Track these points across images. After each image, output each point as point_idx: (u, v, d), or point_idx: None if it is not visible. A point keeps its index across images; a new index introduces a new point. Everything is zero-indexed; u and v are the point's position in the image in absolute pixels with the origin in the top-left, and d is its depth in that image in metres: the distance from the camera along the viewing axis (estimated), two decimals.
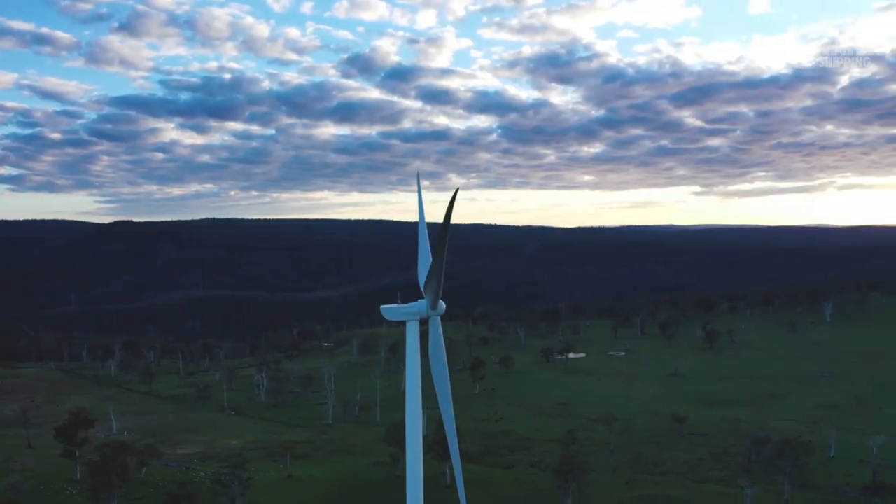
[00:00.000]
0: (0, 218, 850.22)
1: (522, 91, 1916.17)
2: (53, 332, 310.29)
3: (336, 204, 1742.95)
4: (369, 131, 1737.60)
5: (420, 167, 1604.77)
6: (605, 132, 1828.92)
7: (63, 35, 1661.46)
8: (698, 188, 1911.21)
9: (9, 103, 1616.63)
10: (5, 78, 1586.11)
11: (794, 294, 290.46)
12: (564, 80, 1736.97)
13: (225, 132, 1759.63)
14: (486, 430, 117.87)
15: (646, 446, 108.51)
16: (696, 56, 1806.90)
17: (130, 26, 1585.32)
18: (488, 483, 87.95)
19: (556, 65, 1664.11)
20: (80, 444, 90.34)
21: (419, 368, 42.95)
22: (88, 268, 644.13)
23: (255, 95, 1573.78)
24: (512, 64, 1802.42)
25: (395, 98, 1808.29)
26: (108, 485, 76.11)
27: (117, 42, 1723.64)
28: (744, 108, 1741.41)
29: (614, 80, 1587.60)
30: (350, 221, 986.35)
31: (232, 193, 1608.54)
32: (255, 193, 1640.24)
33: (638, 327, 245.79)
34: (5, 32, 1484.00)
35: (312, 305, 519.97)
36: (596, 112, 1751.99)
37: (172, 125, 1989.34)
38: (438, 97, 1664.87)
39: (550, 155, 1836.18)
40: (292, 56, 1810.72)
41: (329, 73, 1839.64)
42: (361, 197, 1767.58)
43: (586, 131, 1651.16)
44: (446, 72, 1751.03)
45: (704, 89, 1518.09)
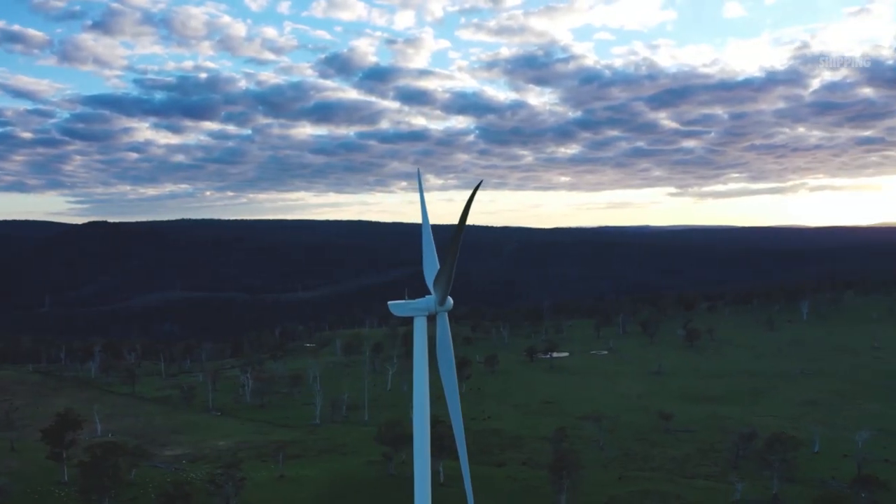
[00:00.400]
0: None
1: (500, 92, 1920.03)
2: (26, 335, 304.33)
3: (313, 205, 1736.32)
4: (347, 132, 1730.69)
5: (397, 168, 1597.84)
6: (582, 133, 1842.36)
7: (35, 33, 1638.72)
8: (673, 189, 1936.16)
9: None
10: None
11: (772, 293, 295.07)
12: (542, 82, 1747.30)
13: (200, 132, 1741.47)
14: (476, 429, 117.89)
15: (634, 443, 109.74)
16: (672, 58, 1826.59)
17: (104, 24, 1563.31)
18: (482, 481, 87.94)
19: (534, 66, 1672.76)
20: (68, 446, 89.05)
21: (427, 365, 43.20)
22: (62, 269, 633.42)
23: (232, 95, 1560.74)
24: (490, 65, 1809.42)
25: (373, 98, 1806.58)
26: (100, 486, 75.18)
27: (91, 40, 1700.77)
28: (718, 111, 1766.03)
29: (591, 82, 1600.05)
30: (327, 222, 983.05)
31: (207, 194, 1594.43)
32: (231, 194, 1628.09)
33: (619, 326, 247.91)
34: None
35: (292, 306, 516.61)
36: (573, 113, 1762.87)
37: (147, 125, 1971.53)
38: (416, 98, 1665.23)
39: (528, 156, 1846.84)
40: (269, 56, 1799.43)
41: (306, 73, 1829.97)
42: (338, 198, 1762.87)
43: (563, 132, 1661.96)
44: (424, 72, 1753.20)
45: (680, 91, 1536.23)
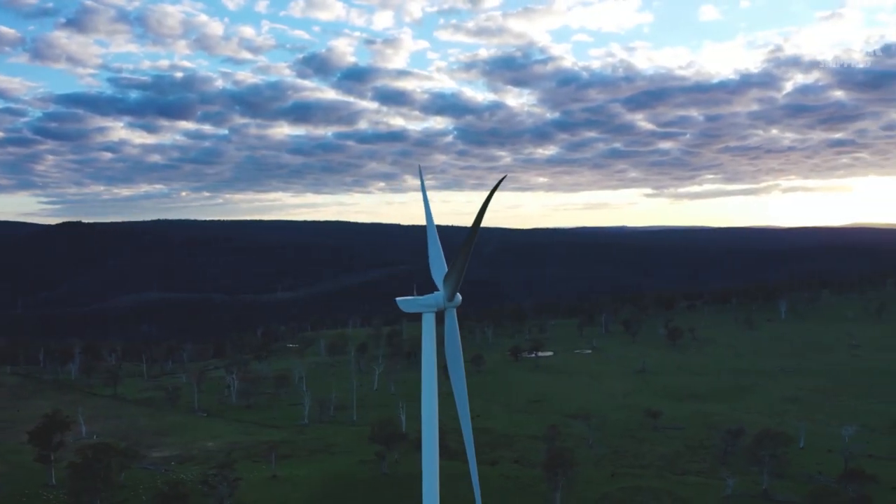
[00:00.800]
0: None
1: (478, 93, 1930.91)
2: (1, 336, 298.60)
3: (290, 205, 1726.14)
4: (325, 132, 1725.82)
5: (375, 168, 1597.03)
6: (560, 135, 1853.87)
7: (6, 30, 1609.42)
8: (650, 190, 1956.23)
9: None
10: None
11: (750, 292, 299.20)
12: (520, 83, 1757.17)
13: (176, 132, 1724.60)
14: None
15: (623, 440, 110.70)
16: (649, 60, 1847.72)
17: (78, 22, 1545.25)
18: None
19: (512, 67, 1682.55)
20: (56, 449, 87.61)
21: (436, 361, 43.34)
22: (35, 270, 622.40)
23: (208, 95, 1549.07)
24: (468, 66, 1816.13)
25: (351, 99, 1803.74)
26: (91, 489, 74.05)
27: (64, 38, 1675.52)
28: (694, 113, 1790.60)
29: (569, 84, 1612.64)
30: (305, 223, 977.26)
31: (183, 194, 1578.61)
32: (207, 194, 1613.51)
33: (602, 326, 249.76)
34: None
35: (271, 307, 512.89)
36: (550, 115, 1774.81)
37: (121, 124, 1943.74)
38: (395, 98, 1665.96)
39: (506, 157, 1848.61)
40: (247, 55, 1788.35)
41: (284, 73, 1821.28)
42: (316, 198, 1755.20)
43: (541, 134, 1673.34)
44: (403, 73, 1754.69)
45: (656, 93, 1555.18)
